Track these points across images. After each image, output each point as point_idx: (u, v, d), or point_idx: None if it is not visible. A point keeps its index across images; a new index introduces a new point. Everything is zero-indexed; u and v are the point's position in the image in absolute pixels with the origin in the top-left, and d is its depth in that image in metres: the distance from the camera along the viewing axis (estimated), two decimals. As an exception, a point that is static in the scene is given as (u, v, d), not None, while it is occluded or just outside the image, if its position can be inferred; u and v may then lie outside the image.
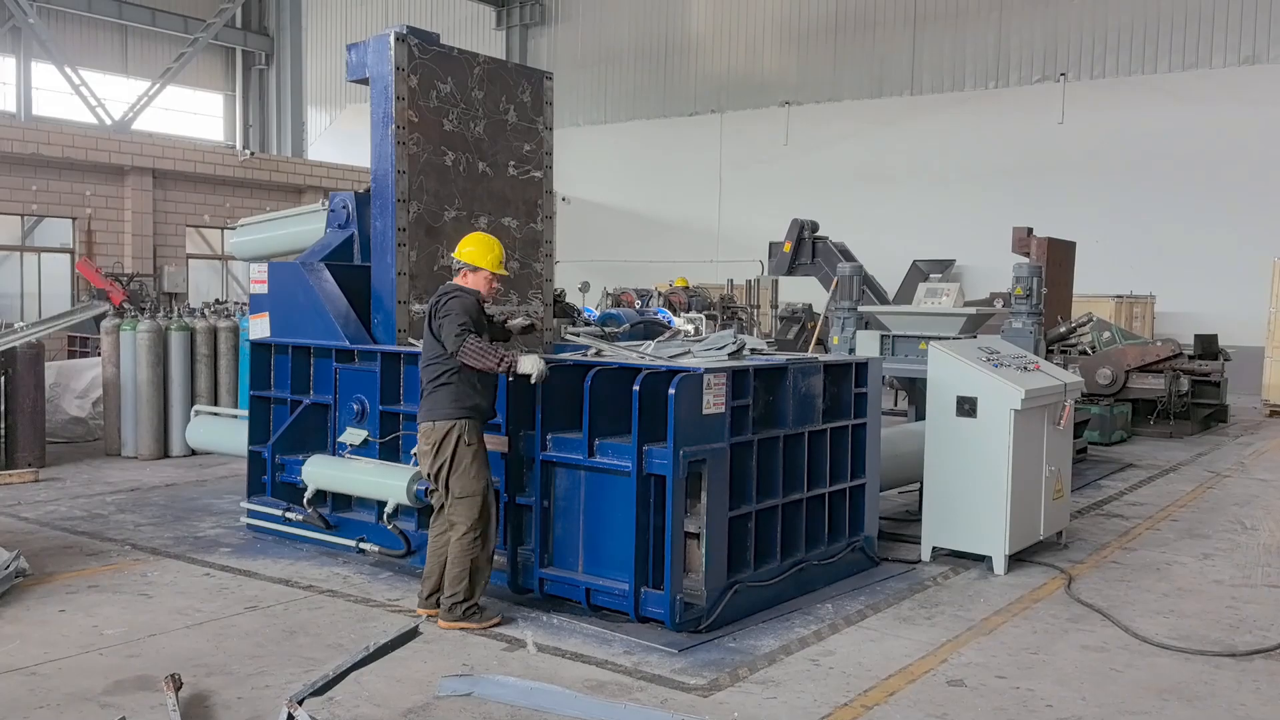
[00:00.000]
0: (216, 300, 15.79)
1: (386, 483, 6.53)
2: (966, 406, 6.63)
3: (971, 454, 6.61)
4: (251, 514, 7.44)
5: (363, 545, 6.73)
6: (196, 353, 10.78)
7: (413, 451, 6.60)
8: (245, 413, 7.83)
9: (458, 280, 5.66)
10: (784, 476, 6.00)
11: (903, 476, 7.78)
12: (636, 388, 5.32)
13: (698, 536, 5.41)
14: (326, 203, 7.80)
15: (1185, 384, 13.83)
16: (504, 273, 5.78)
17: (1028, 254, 12.57)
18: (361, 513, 6.91)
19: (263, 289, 7.56)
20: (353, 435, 6.91)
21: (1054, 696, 4.68)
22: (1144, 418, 13.77)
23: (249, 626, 5.45)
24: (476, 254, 5.61)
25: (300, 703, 3.70)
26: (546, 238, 8.02)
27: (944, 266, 21.78)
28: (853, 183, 24.09)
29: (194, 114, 31.02)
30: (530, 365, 5.41)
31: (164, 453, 10.51)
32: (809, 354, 8.63)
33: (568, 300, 11.68)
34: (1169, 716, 4.51)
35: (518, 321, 6.10)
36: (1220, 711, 4.55)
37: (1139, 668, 5.06)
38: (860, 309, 9.65)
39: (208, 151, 22.74)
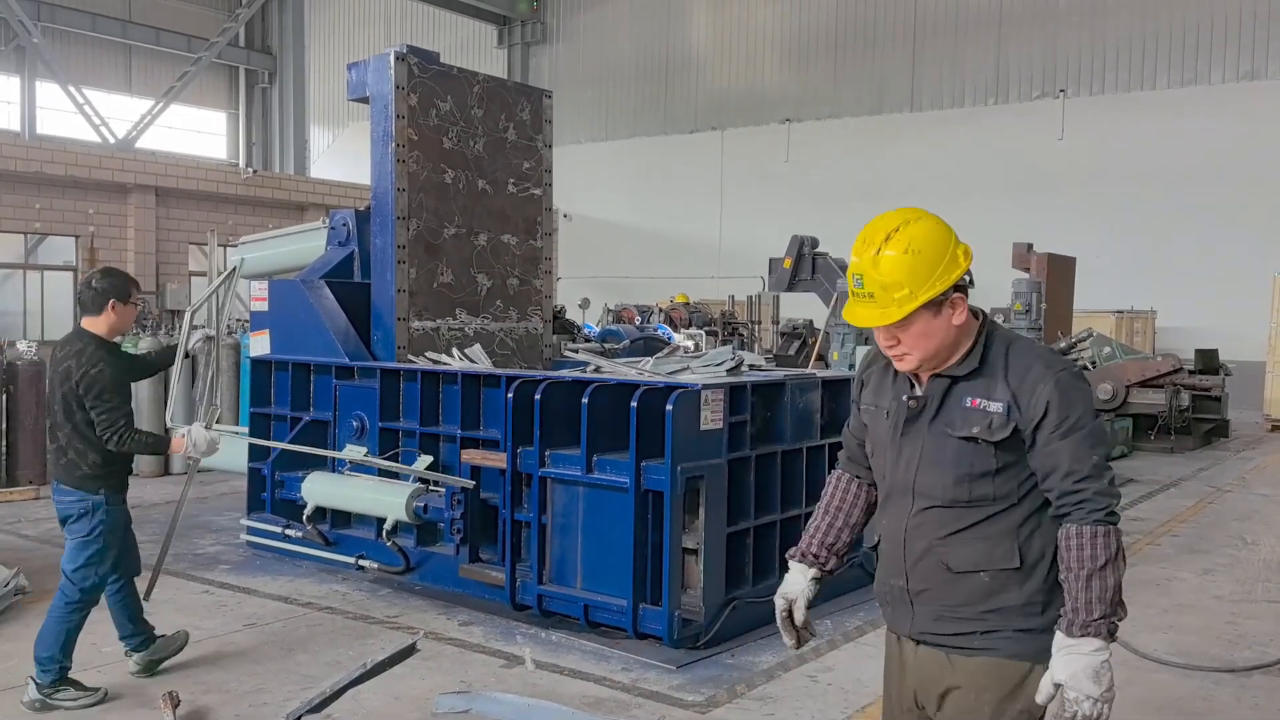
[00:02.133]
0: (218, 317, 15.80)
1: (386, 499, 6.54)
2: (965, 422, 6.62)
3: (970, 469, 6.59)
4: (251, 531, 7.44)
5: (362, 562, 6.73)
6: (198, 370, 10.80)
7: (413, 468, 6.62)
8: (245, 429, 7.85)
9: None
10: (782, 492, 6.01)
11: (902, 492, 7.76)
12: (634, 404, 5.33)
13: (696, 552, 5.41)
14: (327, 220, 7.84)
15: (1186, 399, 13.82)
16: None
17: (1028, 270, 12.61)
18: (361, 529, 6.91)
19: (263, 306, 7.59)
20: (352, 452, 6.92)
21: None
22: (1144, 433, 13.76)
23: (247, 643, 5.45)
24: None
25: (297, 720, 3.70)
26: (546, 254, 8.05)
27: (945, 282, 21.77)
28: (853, 199, 24.09)
29: (197, 132, 31.15)
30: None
31: (164, 470, 10.52)
32: (807, 369, 8.64)
33: (568, 317, 11.72)
34: (1168, 732, 4.50)
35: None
36: (1219, 727, 4.54)
37: (1138, 684, 5.05)
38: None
39: (211, 169, 22.84)
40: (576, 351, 8.48)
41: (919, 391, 2.51)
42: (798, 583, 2.72)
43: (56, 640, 4.62)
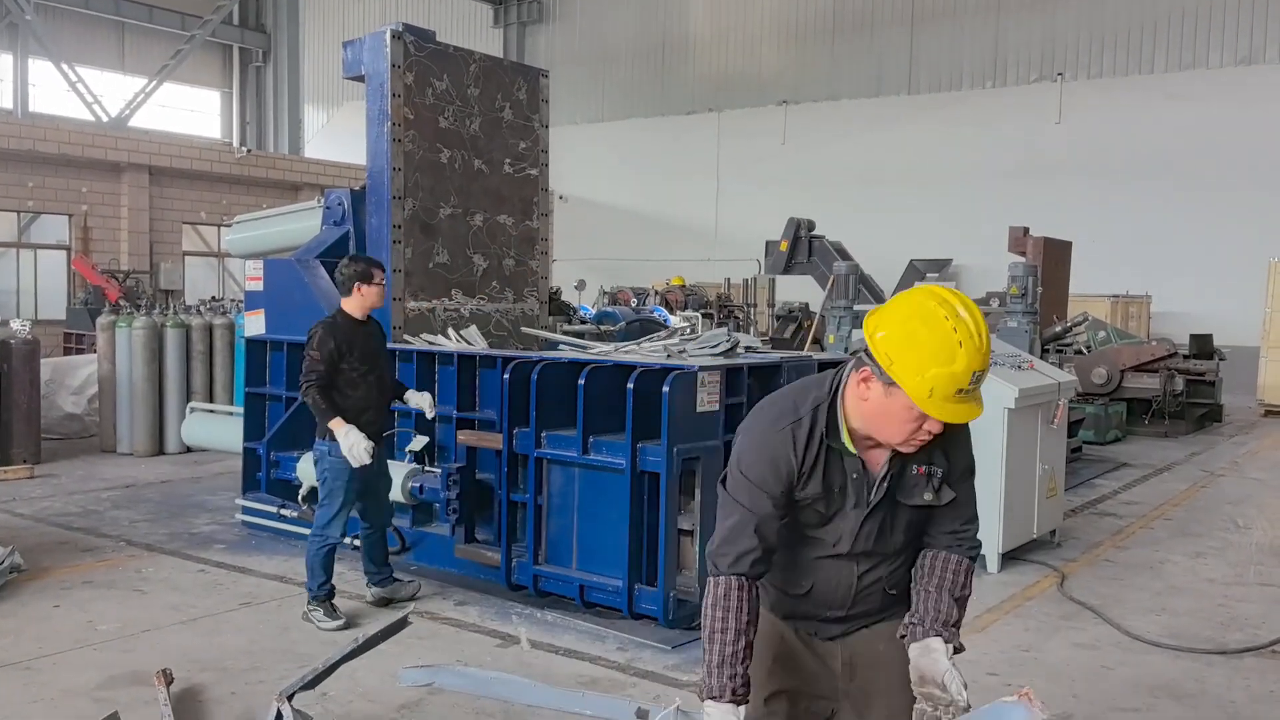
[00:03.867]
0: (212, 297, 15.79)
1: (381, 479, 6.52)
2: (960, 405, 6.63)
3: (965, 452, 6.61)
4: (246, 510, 7.44)
5: (357, 542, 6.71)
6: (192, 350, 10.78)
7: (408, 449, 6.61)
8: (240, 409, 7.84)
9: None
10: (778, 474, 6.01)
11: (897, 475, 7.77)
12: (631, 385, 5.33)
13: (691, 533, 5.42)
14: (322, 200, 7.81)
15: (1180, 383, 13.84)
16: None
17: (1024, 253, 12.57)
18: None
19: (258, 286, 7.57)
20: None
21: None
22: (1139, 417, 13.78)
23: (243, 622, 5.46)
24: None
25: (290, 697, 3.70)
26: (542, 235, 8.03)
27: (941, 266, 21.79)
28: (850, 182, 24.10)
29: (191, 111, 30.97)
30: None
31: (159, 449, 10.51)
32: (803, 352, 8.64)
33: (564, 298, 11.68)
34: (1159, 714, 4.52)
35: None
36: (1210, 709, 4.56)
37: (1130, 665, 5.08)
38: (856, 307, 9.67)
39: (204, 148, 22.75)
40: (573, 333, 8.45)
41: (877, 471, 2.48)
42: None
43: None
